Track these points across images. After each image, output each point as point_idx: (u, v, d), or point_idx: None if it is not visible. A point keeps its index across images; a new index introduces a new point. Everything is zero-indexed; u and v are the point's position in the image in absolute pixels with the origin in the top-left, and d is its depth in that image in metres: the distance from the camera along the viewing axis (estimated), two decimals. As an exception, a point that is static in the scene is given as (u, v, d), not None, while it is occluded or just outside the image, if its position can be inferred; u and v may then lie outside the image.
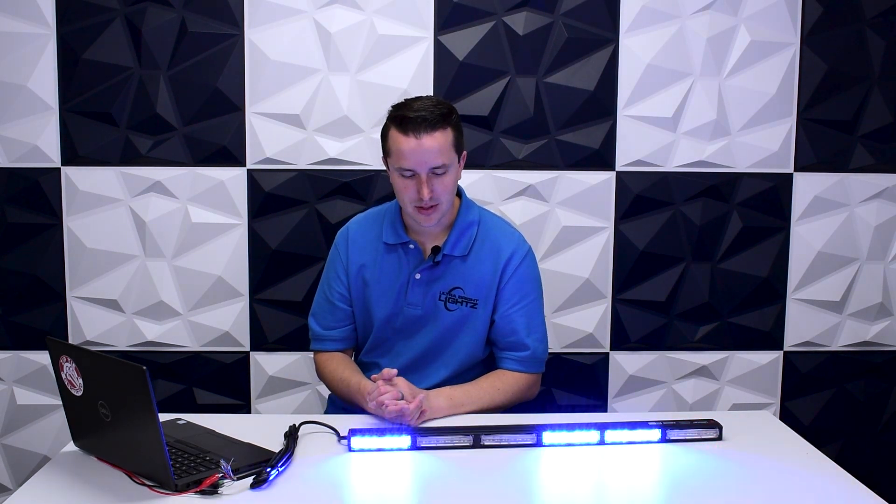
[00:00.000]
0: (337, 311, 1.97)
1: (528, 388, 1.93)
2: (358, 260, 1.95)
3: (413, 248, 1.91)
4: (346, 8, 2.37)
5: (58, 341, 1.49)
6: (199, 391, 2.50)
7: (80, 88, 2.37)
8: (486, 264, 1.89)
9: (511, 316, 1.89)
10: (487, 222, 1.95)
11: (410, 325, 1.91)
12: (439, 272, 1.89)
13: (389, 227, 1.94)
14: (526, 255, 1.92)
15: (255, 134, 2.40)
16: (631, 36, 2.41)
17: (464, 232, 1.90)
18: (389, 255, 1.93)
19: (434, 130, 1.77)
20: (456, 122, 1.83)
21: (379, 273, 1.93)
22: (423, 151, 1.76)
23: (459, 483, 1.47)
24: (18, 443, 2.49)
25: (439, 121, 1.78)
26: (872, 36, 2.45)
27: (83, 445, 1.56)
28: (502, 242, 1.91)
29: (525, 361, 1.90)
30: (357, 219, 2.04)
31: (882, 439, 2.62)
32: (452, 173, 1.82)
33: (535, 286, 1.94)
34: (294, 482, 1.42)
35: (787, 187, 2.49)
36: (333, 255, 2.00)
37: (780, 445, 1.63)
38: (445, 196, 1.82)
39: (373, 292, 1.93)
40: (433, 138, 1.76)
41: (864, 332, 2.56)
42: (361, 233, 1.98)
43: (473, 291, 1.89)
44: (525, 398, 1.94)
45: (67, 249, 2.43)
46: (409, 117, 1.77)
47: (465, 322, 1.89)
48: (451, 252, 1.89)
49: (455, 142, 1.82)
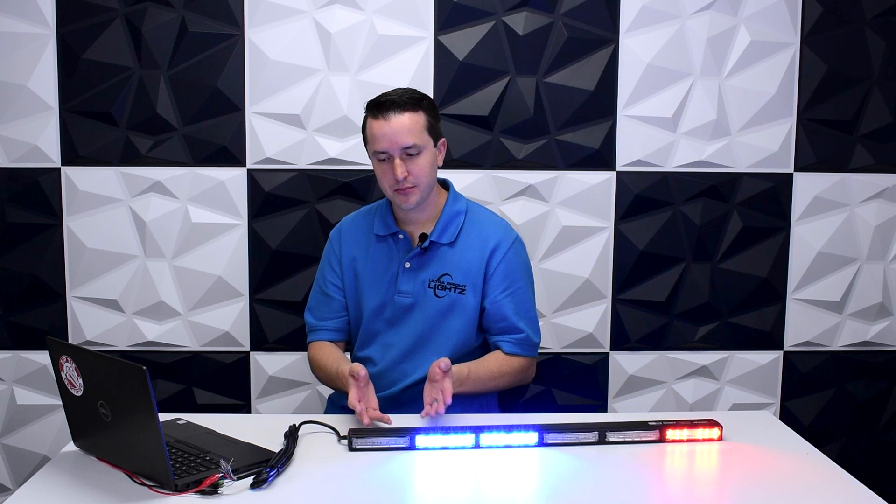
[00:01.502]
0: (332, 302, 2.00)
1: (524, 370, 1.96)
2: (350, 253, 1.99)
3: (402, 238, 1.94)
4: (346, 8, 2.37)
5: (58, 341, 1.49)
6: (199, 391, 2.50)
7: (80, 88, 2.37)
8: (473, 251, 1.93)
9: (501, 302, 1.93)
10: (475, 212, 1.99)
11: (401, 315, 1.93)
12: (427, 259, 1.92)
13: (380, 219, 1.98)
14: (513, 243, 1.95)
15: (255, 134, 2.40)
16: (631, 36, 2.41)
17: (451, 220, 1.94)
18: (380, 246, 1.97)
19: (403, 112, 1.83)
20: (429, 108, 1.88)
21: (370, 264, 1.97)
22: (393, 132, 1.82)
23: (460, 483, 1.47)
24: (18, 443, 2.49)
25: (409, 103, 1.84)
26: (872, 36, 2.45)
27: (83, 445, 1.56)
28: (489, 231, 1.95)
29: (521, 344, 1.93)
30: (349, 216, 2.09)
31: (882, 439, 2.62)
32: (427, 156, 1.86)
33: (524, 273, 1.97)
34: (294, 482, 1.42)
35: (787, 187, 2.49)
36: (327, 250, 2.05)
37: (780, 445, 1.63)
38: (423, 179, 1.86)
39: (364, 283, 1.96)
40: (402, 118, 1.82)
41: (864, 332, 2.56)
42: (353, 227, 2.03)
43: (461, 277, 1.92)
44: (521, 381, 1.97)
45: (67, 249, 2.43)
46: (380, 102, 1.85)
47: (454, 307, 1.92)
48: (438, 239, 1.92)
49: (428, 125, 1.86)
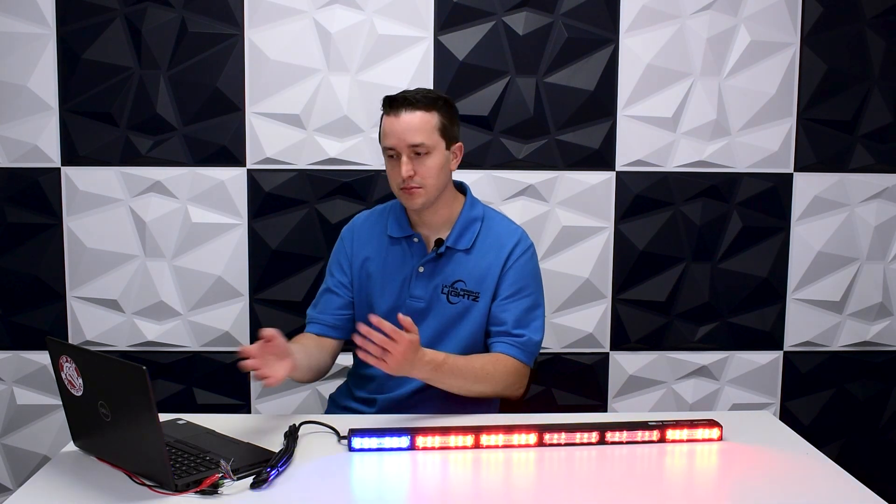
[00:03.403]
0: (335, 299, 1.96)
1: (518, 377, 1.86)
2: (362, 253, 1.96)
3: (417, 242, 1.92)
4: (346, 8, 2.37)
5: (58, 341, 1.49)
6: (199, 391, 2.50)
7: (80, 88, 2.37)
8: (488, 258, 1.90)
9: (506, 307, 1.88)
10: (492, 219, 1.96)
11: (412, 319, 1.90)
12: (442, 265, 1.90)
13: (394, 221, 1.95)
14: (527, 249, 1.92)
15: (255, 134, 2.40)
16: (631, 36, 2.41)
17: (467, 226, 1.91)
18: (393, 247, 1.94)
19: (415, 109, 1.81)
20: (444, 110, 1.85)
21: (383, 266, 1.94)
22: (402, 129, 1.80)
23: (459, 483, 1.47)
24: (18, 443, 2.49)
25: (423, 102, 1.82)
26: (872, 36, 2.45)
27: (83, 445, 1.56)
28: (505, 237, 1.92)
29: (517, 347, 1.85)
30: (362, 214, 2.05)
31: (882, 439, 2.62)
32: (436, 157, 1.83)
33: (534, 280, 1.93)
34: (294, 482, 1.42)
35: (787, 187, 2.49)
36: (338, 248, 2.01)
37: (780, 445, 1.63)
38: (430, 180, 1.82)
39: (376, 285, 1.93)
40: (413, 116, 1.80)
41: (864, 332, 2.56)
42: (367, 227, 1.99)
43: (475, 285, 1.89)
44: (511, 392, 1.88)
45: (67, 249, 2.43)
46: (394, 98, 1.83)
47: (466, 314, 1.89)
48: (454, 245, 1.90)
49: (441, 127, 1.83)
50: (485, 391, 1.82)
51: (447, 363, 1.75)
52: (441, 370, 1.74)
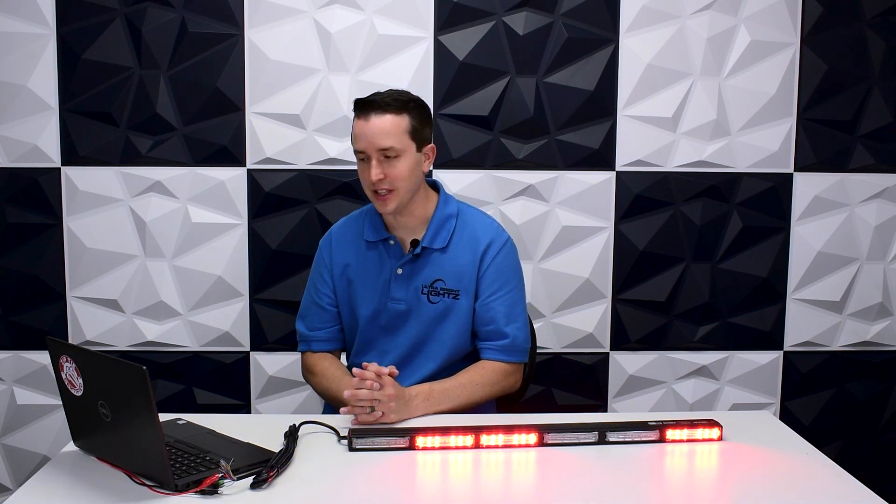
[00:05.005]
0: (324, 313, 1.98)
1: (507, 377, 1.90)
2: (342, 260, 1.96)
3: (393, 244, 1.92)
4: (346, 8, 2.37)
5: (58, 341, 1.49)
6: (199, 391, 2.50)
7: (80, 88, 2.37)
8: (465, 255, 1.91)
9: (490, 305, 1.89)
10: (465, 215, 1.96)
11: (395, 321, 1.92)
12: (420, 265, 1.90)
13: (370, 224, 1.95)
14: (504, 244, 1.93)
15: (255, 134, 2.40)
16: (631, 36, 2.41)
17: (442, 224, 1.92)
18: (371, 252, 1.94)
19: (385, 113, 1.80)
20: (415, 112, 1.84)
21: (362, 271, 1.94)
22: (371, 132, 1.79)
23: (459, 483, 1.47)
24: (18, 443, 2.50)
25: (393, 105, 1.81)
26: (872, 36, 2.45)
27: (83, 445, 1.56)
28: (480, 233, 1.92)
29: (504, 350, 1.89)
30: (339, 222, 2.05)
31: (882, 439, 2.62)
32: (406, 160, 1.82)
33: (514, 275, 1.94)
34: (294, 482, 1.42)
35: (787, 187, 2.49)
36: (318, 260, 2.01)
37: (780, 445, 1.63)
38: (400, 182, 1.82)
39: (357, 291, 1.94)
40: (382, 119, 1.79)
41: (864, 332, 2.56)
42: (343, 233, 2.00)
43: (454, 283, 1.90)
44: (506, 389, 1.91)
45: (67, 249, 2.43)
46: (365, 101, 1.83)
47: (449, 313, 1.90)
48: (430, 245, 1.90)
49: (411, 129, 1.82)
50: (482, 399, 1.86)
51: (434, 389, 1.79)
52: (432, 397, 1.77)
